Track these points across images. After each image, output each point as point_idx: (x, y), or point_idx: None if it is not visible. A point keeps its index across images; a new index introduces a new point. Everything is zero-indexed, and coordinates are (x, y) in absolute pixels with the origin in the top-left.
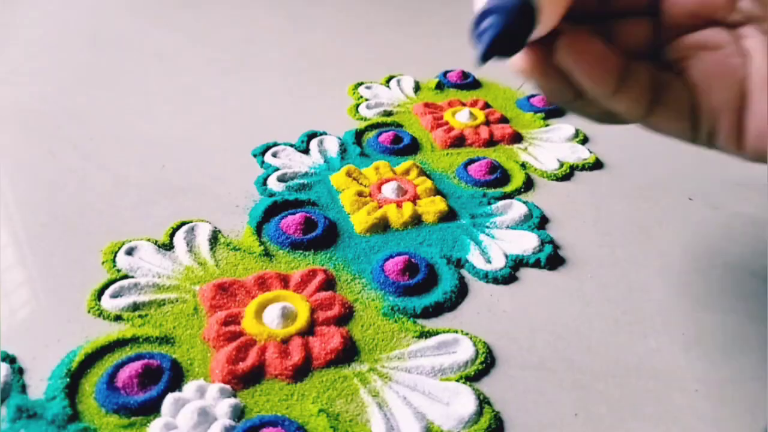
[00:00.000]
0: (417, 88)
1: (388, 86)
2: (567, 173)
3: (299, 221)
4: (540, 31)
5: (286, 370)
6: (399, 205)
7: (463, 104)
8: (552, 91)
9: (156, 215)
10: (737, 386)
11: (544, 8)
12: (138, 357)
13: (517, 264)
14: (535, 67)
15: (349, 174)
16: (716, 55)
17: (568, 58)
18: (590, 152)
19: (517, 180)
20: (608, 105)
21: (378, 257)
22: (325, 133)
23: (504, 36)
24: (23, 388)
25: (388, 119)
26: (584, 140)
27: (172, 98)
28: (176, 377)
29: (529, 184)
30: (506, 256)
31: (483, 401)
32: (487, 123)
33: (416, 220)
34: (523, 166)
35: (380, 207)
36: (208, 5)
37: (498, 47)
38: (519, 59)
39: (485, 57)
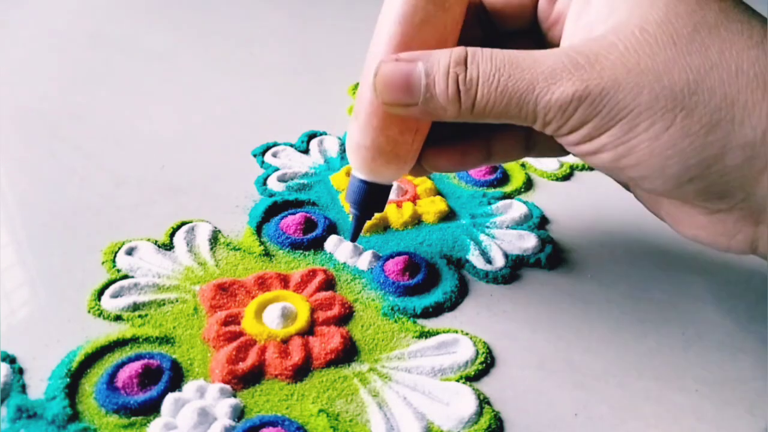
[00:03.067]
0: None
1: None
2: (567, 173)
3: (299, 221)
4: (403, 174)
5: (286, 370)
6: (399, 205)
7: None
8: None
9: (156, 215)
10: (737, 386)
11: (396, 177)
12: (138, 357)
13: (517, 264)
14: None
15: (349, 174)
16: None
17: (432, 168)
18: None
19: (517, 180)
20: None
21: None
22: (325, 133)
23: (363, 219)
24: (23, 388)
25: None
26: None
27: (172, 98)
28: (176, 377)
29: (529, 184)
30: (506, 256)
31: (483, 401)
32: None
33: (416, 220)
34: (523, 166)
35: None
36: (208, 5)
37: (363, 224)
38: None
39: (354, 239)
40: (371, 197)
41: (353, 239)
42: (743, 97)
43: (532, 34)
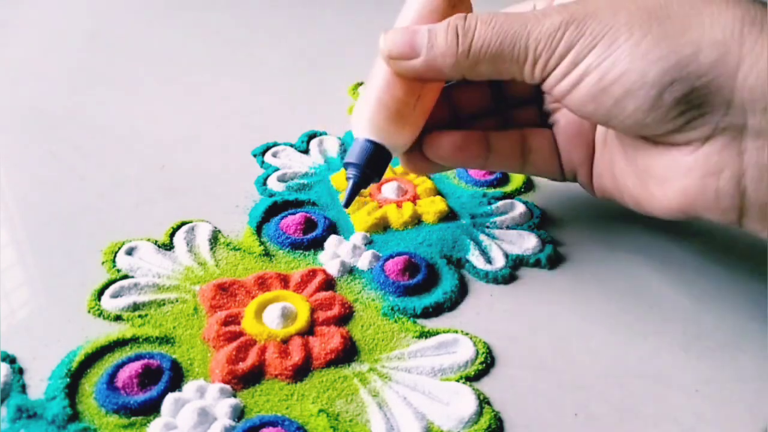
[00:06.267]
0: None
1: None
2: None
3: (299, 221)
4: (402, 149)
5: (286, 370)
6: (399, 205)
7: None
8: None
9: (156, 215)
10: (737, 386)
11: (398, 142)
12: (138, 357)
13: (517, 264)
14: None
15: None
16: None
17: (433, 154)
18: None
19: (517, 180)
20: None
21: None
22: (325, 133)
23: (361, 183)
24: (23, 388)
25: None
26: None
27: (172, 98)
28: (176, 377)
29: (529, 184)
30: (506, 256)
31: (483, 401)
32: None
33: (416, 220)
34: None
35: (380, 207)
36: (208, 5)
37: (359, 189)
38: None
39: (348, 203)
40: (370, 158)
41: (347, 205)
42: (708, 9)
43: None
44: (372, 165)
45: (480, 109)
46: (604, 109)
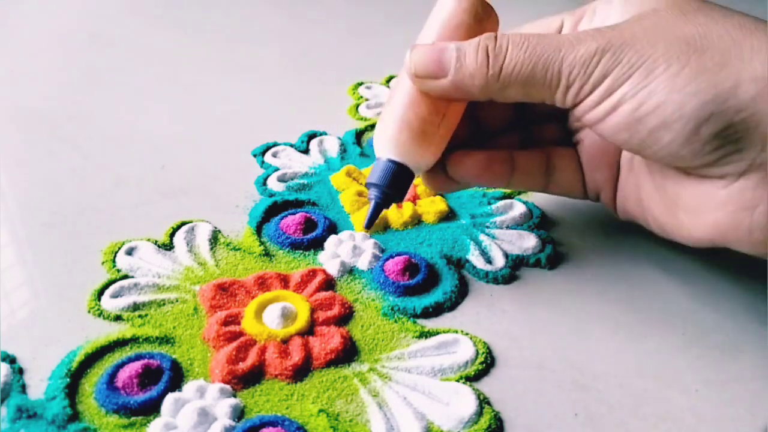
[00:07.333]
0: None
1: (388, 86)
2: None
3: (299, 221)
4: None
5: (286, 370)
6: (399, 205)
7: None
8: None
9: (156, 215)
10: (737, 386)
11: (421, 161)
12: (138, 357)
13: (517, 264)
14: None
15: (349, 174)
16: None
17: (456, 173)
18: None
19: None
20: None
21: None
22: (325, 133)
23: (383, 203)
24: (23, 388)
25: None
26: None
27: (173, 98)
28: (176, 377)
29: None
30: (506, 256)
31: (483, 401)
32: None
33: (416, 220)
34: None
35: None
36: (208, 5)
37: (381, 210)
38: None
39: (369, 225)
40: (393, 179)
41: (368, 226)
42: (748, 42)
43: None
44: (394, 186)
45: (503, 125)
46: (638, 139)
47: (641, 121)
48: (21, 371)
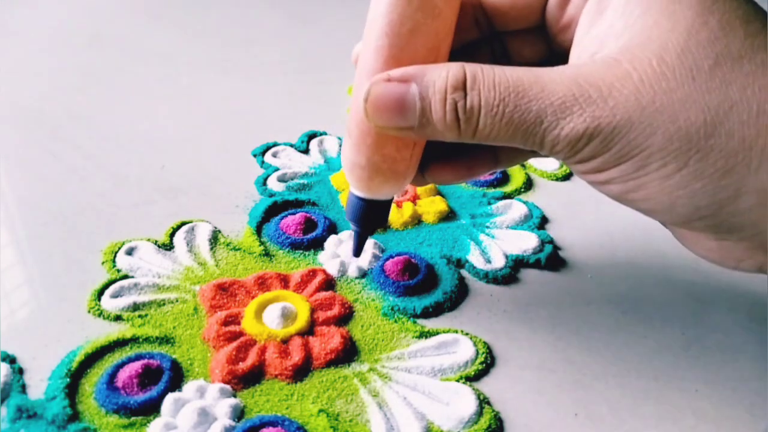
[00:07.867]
0: None
1: None
2: (567, 173)
3: (299, 221)
4: (403, 190)
5: (286, 370)
6: (399, 205)
7: None
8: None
9: (156, 215)
10: (737, 386)
11: (395, 192)
12: (138, 357)
13: (517, 264)
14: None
15: None
16: None
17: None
18: None
19: (517, 180)
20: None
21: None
22: (325, 133)
23: (365, 234)
24: (23, 388)
25: None
26: None
27: (172, 98)
28: (176, 377)
29: (529, 184)
30: (506, 256)
31: (483, 401)
32: None
33: (416, 220)
34: (523, 166)
35: None
36: (208, 5)
37: (365, 240)
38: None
39: (357, 254)
40: (371, 214)
41: (356, 254)
42: (762, 141)
43: (536, 32)
44: (372, 218)
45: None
46: (628, 205)
47: (631, 202)
48: (21, 371)
